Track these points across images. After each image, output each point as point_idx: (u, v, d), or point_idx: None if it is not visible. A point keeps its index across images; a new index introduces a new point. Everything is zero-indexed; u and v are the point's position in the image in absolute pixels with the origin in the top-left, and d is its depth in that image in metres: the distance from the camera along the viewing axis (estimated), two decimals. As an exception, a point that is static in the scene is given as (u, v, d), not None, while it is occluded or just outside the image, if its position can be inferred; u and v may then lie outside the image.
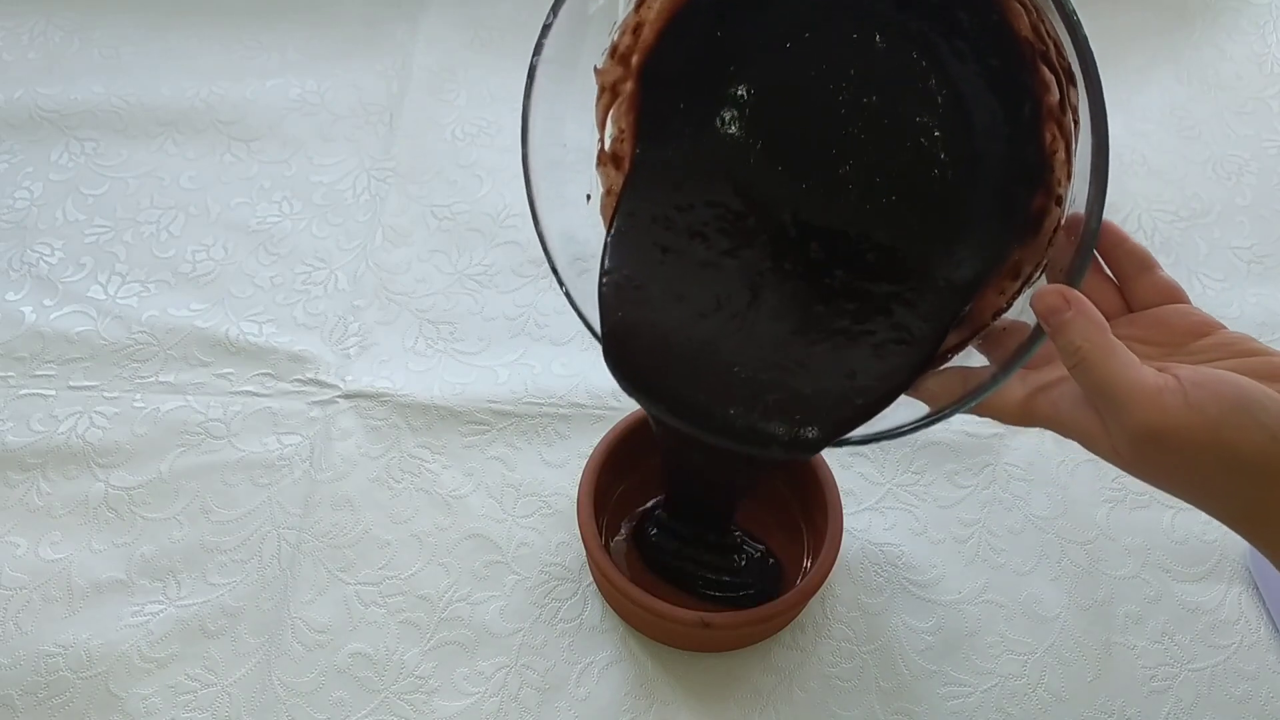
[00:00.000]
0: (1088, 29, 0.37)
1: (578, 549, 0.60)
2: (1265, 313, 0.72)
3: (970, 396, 0.42)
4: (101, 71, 0.83)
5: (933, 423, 0.44)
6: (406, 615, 0.57)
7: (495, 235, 0.74)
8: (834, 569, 0.54)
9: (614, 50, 0.48)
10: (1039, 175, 0.42)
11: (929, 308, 0.44)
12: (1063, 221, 0.42)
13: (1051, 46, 0.40)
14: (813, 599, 0.56)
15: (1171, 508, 0.63)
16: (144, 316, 0.68)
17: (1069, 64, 0.39)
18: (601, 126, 0.49)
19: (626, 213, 0.48)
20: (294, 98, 0.81)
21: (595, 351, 0.68)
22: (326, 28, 0.87)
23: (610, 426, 0.59)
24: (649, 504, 0.59)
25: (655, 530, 0.58)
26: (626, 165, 0.49)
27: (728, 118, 0.46)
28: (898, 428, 0.45)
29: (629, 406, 0.63)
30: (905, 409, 0.45)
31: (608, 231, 0.48)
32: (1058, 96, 0.41)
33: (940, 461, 0.64)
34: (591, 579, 0.59)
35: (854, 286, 0.45)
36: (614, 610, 0.57)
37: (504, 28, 0.87)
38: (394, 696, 0.55)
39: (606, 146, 0.49)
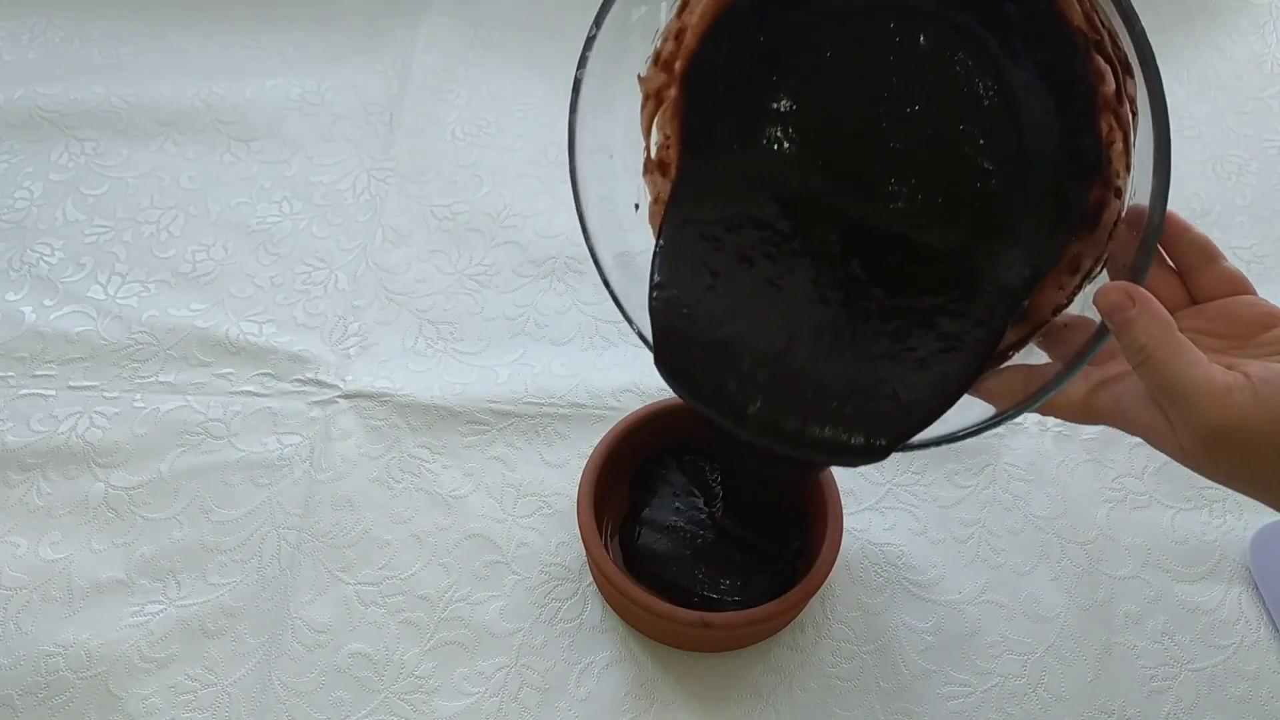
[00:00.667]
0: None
1: (578, 549, 0.60)
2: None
3: (1033, 397, 0.42)
4: (101, 71, 0.83)
5: (998, 424, 0.44)
6: (406, 615, 0.57)
7: (495, 235, 0.74)
8: (834, 569, 0.54)
9: (657, 57, 0.47)
10: (1096, 167, 0.41)
11: (983, 309, 0.44)
12: (1123, 214, 0.41)
13: (1106, 36, 0.39)
14: (813, 599, 0.56)
15: (1171, 508, 0.63)
16: (144, 316, 0.68)
17: (1125, 54, 0.38)
18: (647, 134, 0.49)
19: (674, 225, 0.48)
20: (294, 98, 0.81)
21: (595, 352, 0.68)
22: (326, 28, 0.87)
23: (610, 426, 0.59)
24: (634, 509, 0.59)
25: (641, 535, 0.58)
26: (673, 172, 0.49)
27: (772, 129, 0.46)
28: (962, 430, 0.45)
29: (629, 407, 0.63)
30: (971, 410, 0.45)
31: (656, 242, 0.48)
32: (1114, 87, 0.40)
33: (940, 461, 0.64)
34: (591, 579, 0.59)
35: (905, 293, 0.45)
36: (614, 610, 0.57)
37: (504, 28, 0.87)
38: (394, 696, 0.55)
39: (653, 154, 0.49)
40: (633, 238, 0.49)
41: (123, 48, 0.85)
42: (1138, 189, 0.40)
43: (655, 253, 0.48)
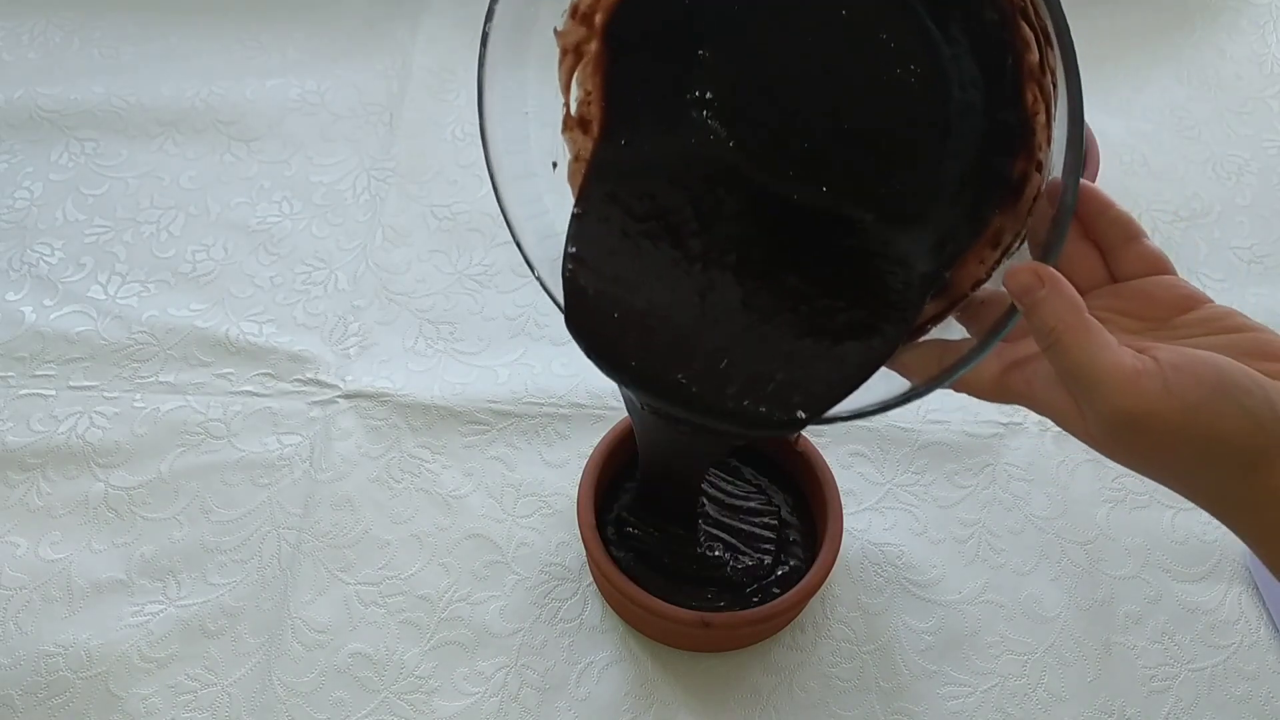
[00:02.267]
0: (1087, 30, 0.37)
1: (578, 549, 0.60)
2: (1265, 313, 0.72)
3: (947, 373, 0.41)
4: (101, 71, 0.83)
5: (910, 399, 0.43)
6: (406, 615, 0.57)
7: (495, 235, 0.74)
8: (834, 569, 0.54)
9: (575, 10, 0.46)
10: (1020, 138, 0.40)
11: (901, 283, 0.43)
12: (1043, 189, 0.41)
13: (1029, 3, 0.39)
14: (813, 599, 0.56)
15: (1171, 508, 0.63)
16: (144, 316, 0.68)
17: (1045, 24, 0.38)
18: (566, 90, 0.47)
19: (594, 190, 0.47)
20: (294, 98, 0.81)
21: (595, 351, 0.68)
22: (326, 28, 0.87)
23: (610, 427, 0.59)
24: (620, 503, 0.59)
25: (630, 525, 0.58)
26: (595, 129, 0.47)
27: (695, 89, 0.45)
28: (875, 404, 0.44)
29: (629, 406, 0.63)
30: (885, 383, 0.44)
31: (575, 205, 0.47)
32: (1037, 57, 0.39)
33: (940, 461, 0.64)
34: (591, 579, 0.59)
35: (825, 264, 0.45)
36: (614, 610, 0.57)
37: (504, 28, 0.87)
38: (394, 696, 0.55)
39: (573, 111, 0.48)
40: (549, 197, 0.48)
41: (123, 48, 0.85)
42: (1056, 164, 0.39)
43: (572, 216, 0.47)
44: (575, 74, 0.47)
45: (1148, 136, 0.82)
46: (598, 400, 0.65)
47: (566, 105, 0.47)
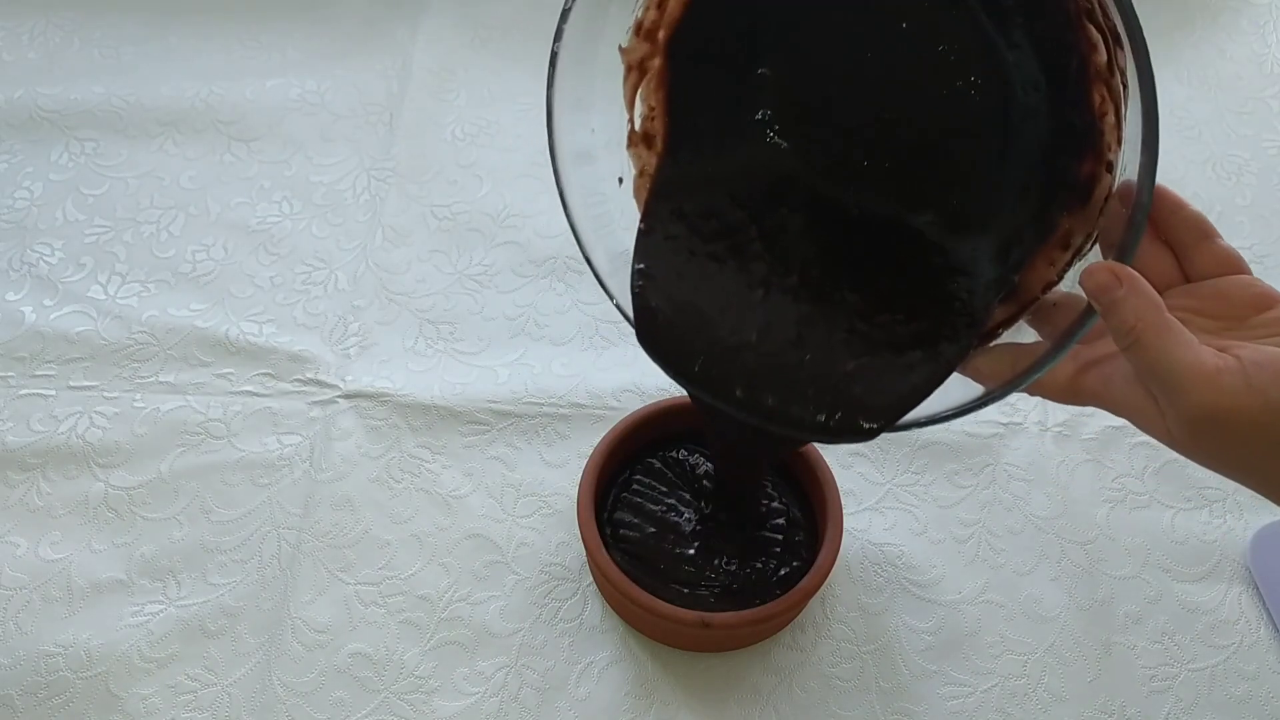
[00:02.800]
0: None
1: (578, 549, 0.60)
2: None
3: (1021, 377, 0.41)
4: (101, 71, 0.83)
5: (986, 404, 0.43)
6: (406, 615, 0.57)
7: (495, 235, 0.74)
8: (834, 569, 0.54)
9: (639, 27, 0.46)
10: (1087, 139, 0.40)
11: (969, 288, 0.43)
12: (1114, 189, 0.40)
13: (1096, 5, 0.38)
14: (813, 599, 0.56)
15: (1171, 508, 0.63)
16: (144, 316, 0.68)
17: (1115, 24, 0.37)
18: (630, 106, 0.48)
19: (659, 206, 0.47)
20: (294, 98, 0.81)
21: (595, 352, 0.68)
22: (326, 28, 0.87)
23: (610, 426, 0.59)
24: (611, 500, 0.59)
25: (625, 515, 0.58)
26: (659, 145, 0.48)
27: (758, 103, 0.45)
28: (949, 410, 0.44)
29: (629, 407, 0.63)
30: (961, 388, 0.44)
31: (642, 220, 0.48)
32: (1105, 57, 0.39)
33: (940, 461, 0.64)
34: (591, 579, 0.59)
35: (892, 276, 0.45)
36: (614, 610, 0.57)
37: (504, 28, 0.87)
38: (394, 696, 0.55)
39: (637, 126, 0.48)
40: (616, 215, 0.49)
41: (123, 48, 0.85)
42: (1128, 165, 0.39)
43: (639, 233, 0.48)
44: (640, 90, 0.48)
45: (1148, 136, 0.82)
46: (598, 400, 0.65)
47: (631, 121, 0.48)
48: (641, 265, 0.47)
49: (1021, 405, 0.66)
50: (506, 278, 0.72)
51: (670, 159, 0.48)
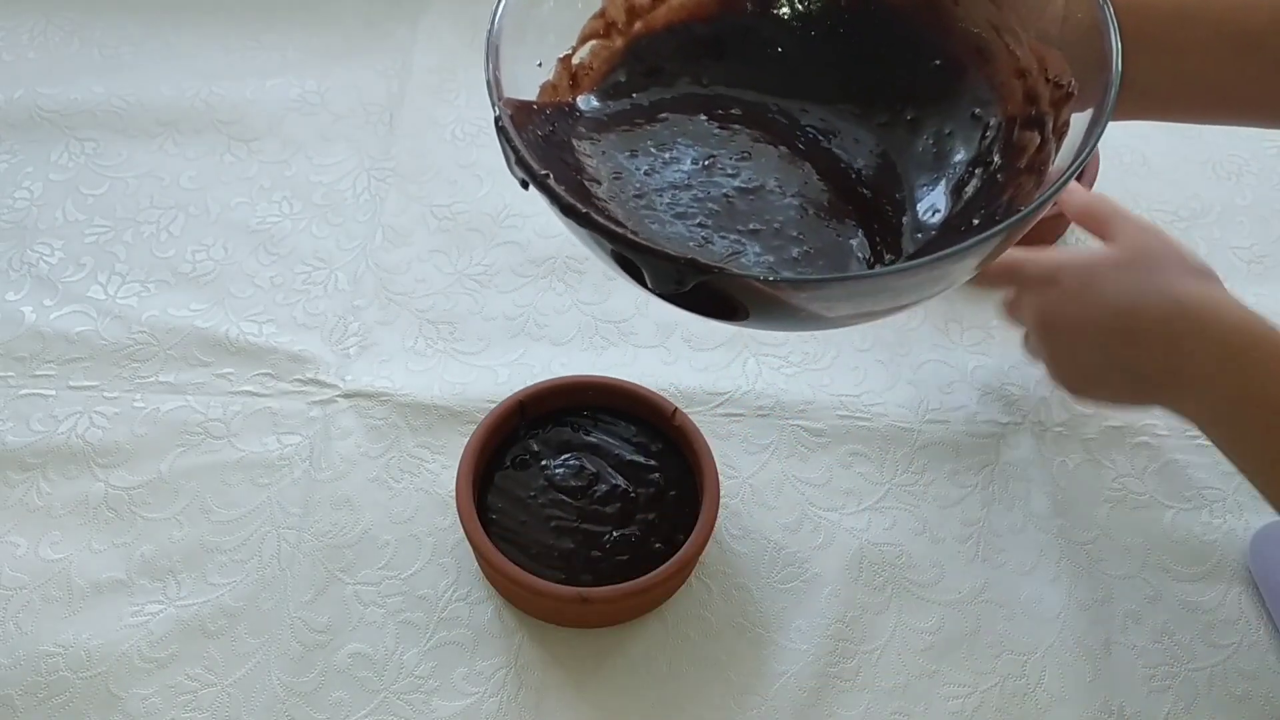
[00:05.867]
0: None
1: (577, 549, 0.60)
2: (1266, 313, 0.71)
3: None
4: (102, 71, 0.83)
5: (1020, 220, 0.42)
6: (406, 615, 0.57)
7: (495, 235, 0.74)
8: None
9: None
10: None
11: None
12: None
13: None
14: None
15: (1171, 507, 0.63)
16: (144, 316, 0.68)
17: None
18: (581, 40, 0.50)
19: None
20: (294, 98, 0.81)
21: (595, 352, 0.68)
22: (326, 28, 0.87)
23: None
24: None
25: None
26: (576, 94, 0.50)
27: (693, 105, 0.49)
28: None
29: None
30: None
31: (541, 107, 0.48)
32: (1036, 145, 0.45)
33: (940, 461, 0.64)
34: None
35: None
36: (503, 596, 0.57)
37: (504, 28, 0.87)
38: (393, 696, 0.55)
39: (574, 61, 0.50)
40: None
41: (123, 48, 0.85)
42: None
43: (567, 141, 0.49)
44: (593, 43, 0.50)
45: (1148, 136, 0.82)
46: (598, 400, 0.65)
47: (574, 49, 0.50)
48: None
49: (1022, 406, 0.66)
50: (506, 278, 0.72)
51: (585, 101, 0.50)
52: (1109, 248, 0.56)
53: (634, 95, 0.51)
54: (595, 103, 0.50)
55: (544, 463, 0.59)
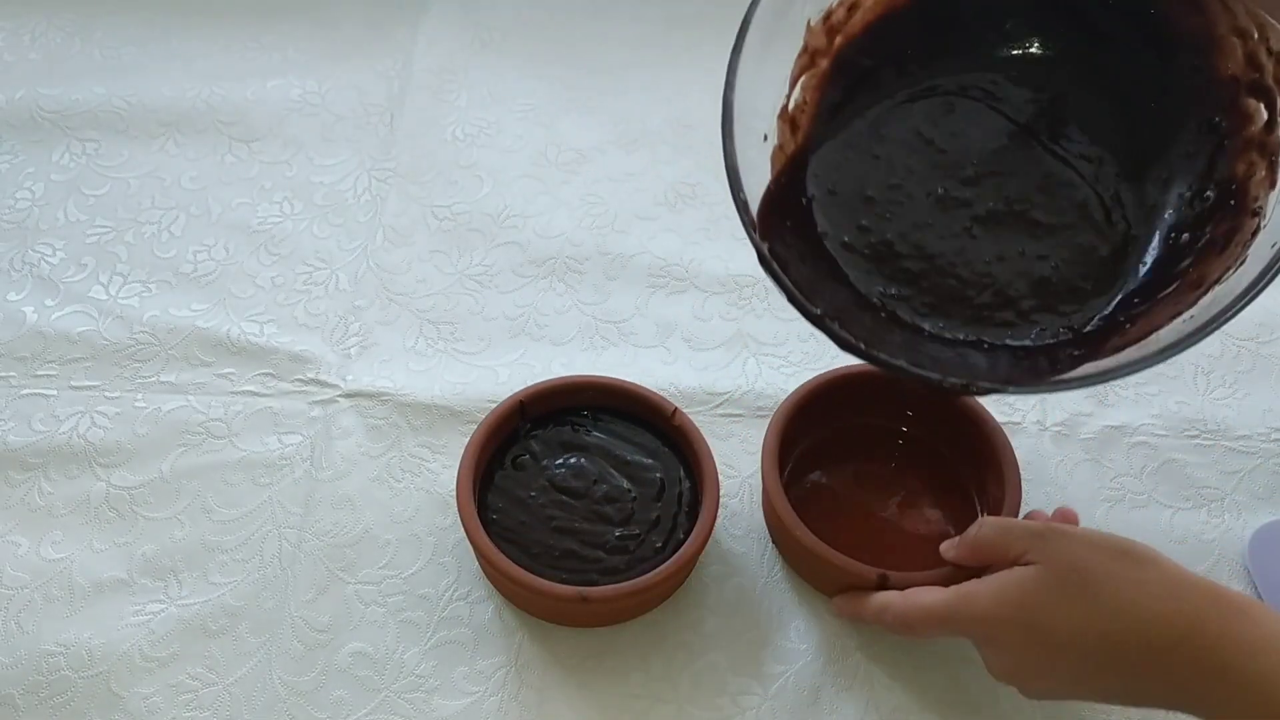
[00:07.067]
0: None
1: (578, 548, 0.60)
2: (1265, 312, 0.72)
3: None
4: (103, 72, 0.83)
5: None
6: (406, 614, 0.57)
7: (495, 235, 0.74)
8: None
9: (828, 17, 0.49)
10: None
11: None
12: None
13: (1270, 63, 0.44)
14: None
15: (1170, 507, 0.63)
16: (145, 316, 0.69)
17: None
18: (792, 84, 0.50)
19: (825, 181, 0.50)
20: (295, 98, 0.81)
21: (595, 352, 0.68)
22: (327, 28, 0.87)
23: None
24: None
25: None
26: (799, 137, 0.50)
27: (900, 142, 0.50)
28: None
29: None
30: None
31: (776, 179, 0.49)
32: (1262, 122, 0.44)
33: (940, 461, 0.64)
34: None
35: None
36: (502, 594, 0.57)
37: (505, 29, 0.87)
38: (394, 695, 0.55)
39: (790, 105, 0.50)
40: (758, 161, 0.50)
41: (124, 49, 0.85)
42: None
43: (809, 202, 0.50)
44: (803, 78, 0.50)
45: None
46: (598, 400, 0.65)
47: (788, 98, 0.50)
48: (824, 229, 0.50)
49: (1020, 405, 0.66)
50: (507, 278, 0.72)
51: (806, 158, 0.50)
52: (1035, 569, 0.48)
53: (852, 121, 0.51)
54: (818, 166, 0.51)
55: (544, 462, 0.59)
